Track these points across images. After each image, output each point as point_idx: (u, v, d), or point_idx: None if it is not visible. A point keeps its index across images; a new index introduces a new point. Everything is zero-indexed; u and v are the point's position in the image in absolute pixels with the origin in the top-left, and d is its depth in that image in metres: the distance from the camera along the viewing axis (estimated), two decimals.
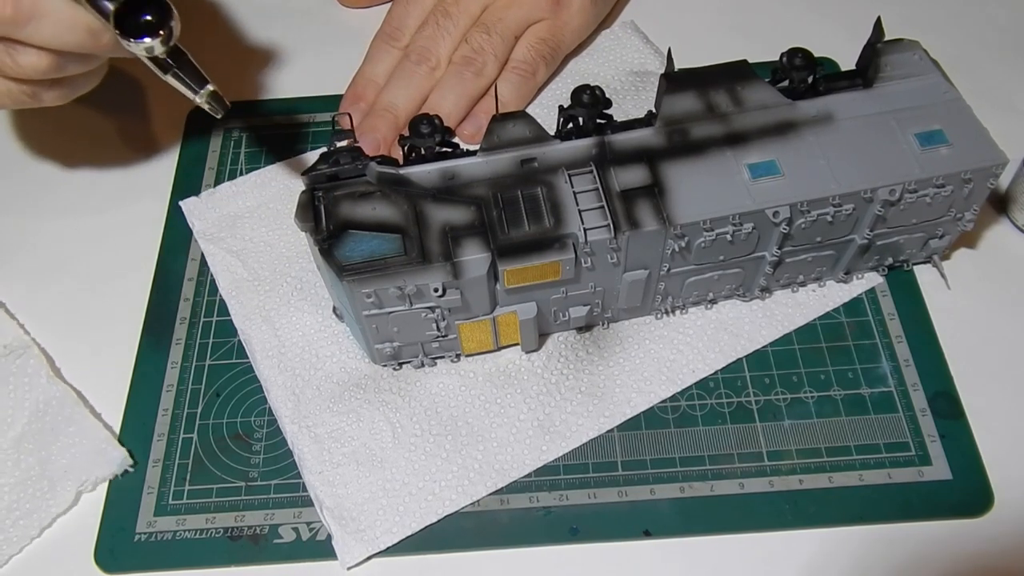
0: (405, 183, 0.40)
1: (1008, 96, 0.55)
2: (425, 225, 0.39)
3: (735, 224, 0.39)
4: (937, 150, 0.40)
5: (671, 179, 0.40)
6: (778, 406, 0.44)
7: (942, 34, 0.58)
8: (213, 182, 0.53)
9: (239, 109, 0.56)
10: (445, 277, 0.38)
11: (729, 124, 0.41)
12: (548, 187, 0.39)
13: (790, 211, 0.39)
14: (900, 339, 0.45)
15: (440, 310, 0.40)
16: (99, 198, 0.53)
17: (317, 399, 0.44)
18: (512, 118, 0.40)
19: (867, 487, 0.41)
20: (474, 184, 0.40)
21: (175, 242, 0.50)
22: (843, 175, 0.40)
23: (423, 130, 0.40)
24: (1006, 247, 0.49)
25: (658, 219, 0.39)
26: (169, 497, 0.42)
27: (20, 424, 0.43)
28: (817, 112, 0.41)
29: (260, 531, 0.41)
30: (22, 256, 0.51)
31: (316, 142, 0.54)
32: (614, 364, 0.44)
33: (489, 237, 0.38)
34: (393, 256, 0.38)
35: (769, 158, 0.40)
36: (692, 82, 0.41)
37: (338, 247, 0.38)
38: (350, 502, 0.41)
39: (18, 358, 0.44)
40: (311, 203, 0.39)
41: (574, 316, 0.43)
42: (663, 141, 0.41)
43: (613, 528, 0.41)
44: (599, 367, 0.44)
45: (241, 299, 0.47)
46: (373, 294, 0.38)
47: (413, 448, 0.42)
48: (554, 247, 0.38)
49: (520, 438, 0.42)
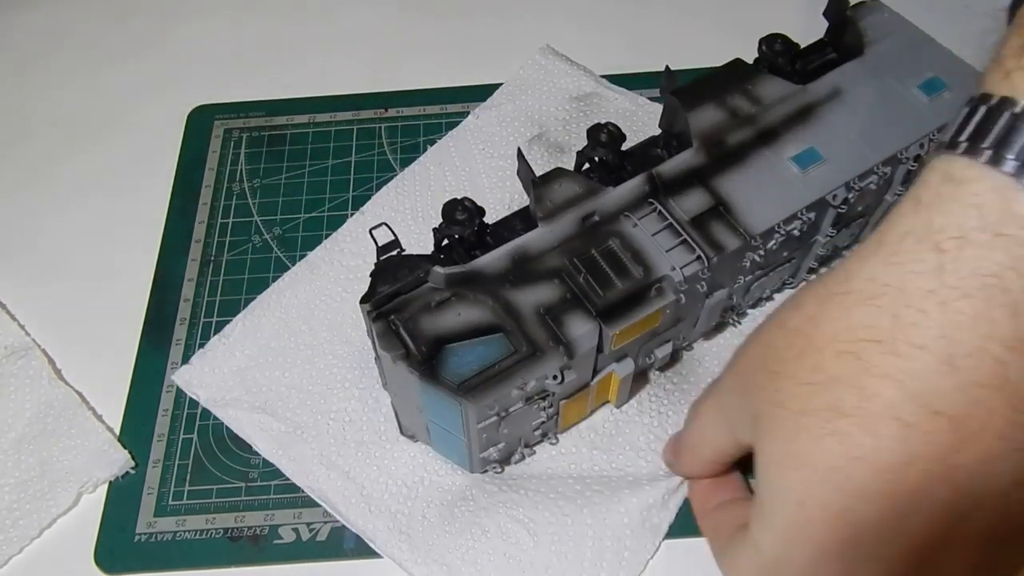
0: (477, 277, 0.36)
1: None
2: (518, 314, 0.35)
3: (801, 218, 0.39)
4: (941, 96, 0.41)
5: (730, 193, 0.39)
6: None
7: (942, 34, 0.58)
8: (213, 182, 0.53)
9: (239, 109, 0.56)
10: (561, 361, 0.35)
11: (757, 124, 0.40)
12: (619, 237, 0.38)
13: (846, 190, 0.39)
14: None
15: (551, 397, 0.37)
16: (99, 198, 0.53)
17: (430, 530, 0.40)
18: (555, 177, 0.38)
19: None
20: (546, 256, 0.37)
21: (175, 242, 0.50)
22: (876, 143, 0.40)
23: (459, 217, 0.37)
24: None
25: (737, 236, 0.38)
26: (169, 498, 0.42)
27: (21, 425, 0.43)
28: (827, 91, 0.42)
29: (260, 531, 0.41)
30: (22, 257, 0.51)
31: (316, 142, 0.54)
32: (703, 385, 0.42)
33: (587, 305, 0.36)
34: (505, 357, 0.34)
35: (806, 146, 0.40)
36: (705, 93, 0.40)
37: (442, 367, 0.34)
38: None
39: (19, 359, 0.44)
40: (391, 330, 0.35)
41: (660, 356, 0.41)
42: (705, 159, 0.40)
43: None
44: (690, 394, 0.43)
45: (291, 455, 0.42)
46: (495, 403, 0.35)
47: (557, 540, 0.39)
48: (652, 295, 0.36)
49: (657, 488, 0.40)
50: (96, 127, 0.56)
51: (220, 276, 0.49)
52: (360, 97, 0.56)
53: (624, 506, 0.40)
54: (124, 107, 0.57)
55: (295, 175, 0.53)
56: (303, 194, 0.52)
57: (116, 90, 0.58)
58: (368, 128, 0.55)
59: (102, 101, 0.58)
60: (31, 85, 0.59)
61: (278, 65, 0.59)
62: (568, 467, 0.41)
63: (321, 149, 0.54)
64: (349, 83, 0.57)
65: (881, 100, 0.41)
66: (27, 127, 0.57)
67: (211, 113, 0.56)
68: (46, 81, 0.59)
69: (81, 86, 0.58)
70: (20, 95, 0.58)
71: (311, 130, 0.55)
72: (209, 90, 0.57)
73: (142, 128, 0.56)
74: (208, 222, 0.51)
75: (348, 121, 0.55)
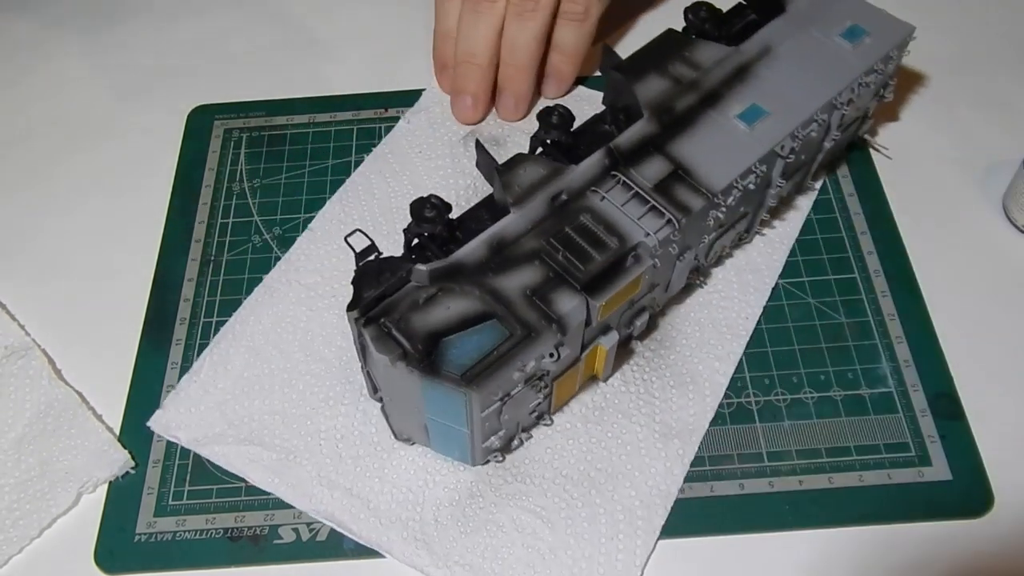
0: (459, 270, 0.37)
1: (1008, 96, 0.55)
2: (506, 299, 0.36)
3: (755, 172, 0.41)
4: (863, 42, 0.44)
5: (686, 157, 0.40)
6: (778, 407, 0.44)
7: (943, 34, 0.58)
8: (213, 182, 0.53)
9: (239, 109, 0.56)
10: (555, 338, 0.35)
11: (700, 88, 0.42)
12: (589, 212, 0.39)
13: (792, 140, 0.41)
14: (900, 339, 0.45)
15: (547, 377, 0.38)
16: (99, 198, 0.53)
17: (444, 532, 0.40)
18: (518, 163, 0.39)
19: (867, 488, 0.41)
20: (522, 240, 0.38)
21: (175, 242, 0.50)
22: (812, 92, 0.42)
23: (427, 214, 0.37)
24: (1006, 247, 0.49)
25: (701, 196, 0.39)
26: (169, 497, 0.42)
27: (21, 425, 0.43)
28: (758, 49, 0.44)
29: (260, 531, 0.41)
30: (22, 257, 0.51)
31: (316, 142, 0.54)
32: (681, 348, 0.45)
33: (571, 281, 0.37)
34: (502, 342, 0.35)
35: (749, 103, 0.42)
36: (646, 65, 0.42)
37: (441, 361, 0.35)
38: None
39: (19, 359, 0.44)
40: (384, 333, 0.35)
41: (639, 324, 0.42)
42: (657, 127, 0.41)
43: None
44: (671, 358, 0.45)
45: (289, 481, 0.42)
46: (498, 389, 0.35)
47: (571, 522, 0.40)
48: (630, 263, 0.37)
49: (655, 455, 0.42)
50: (96, 127, 0.56)
51: (220, 276, 0.49)
52: (360, 97, 0.56)
53: (629, 480, 0.41)
54: (124, 107, 0.57)
55: (295, 175, 0.53)
56: (303, 194, 0.52)
57: (116, 90, 0.58)
58: (368, 128, 0.55)
59: (102, 101, 0.58)
60: (31, 85, 0.59)
61: (278, 65, 0.59)
62: (566, 443, 0.42)
63: (321, 149, 0.54)
64: (349, 83, 0.57)
65: (809, 52, 0.44)
66: (27, 127, 0.57)
67: (211, 113, 0.56)
68: (46, 81, 0.59)
69: (81, 86, 0.59)
70: (20, 95, 0.58)
71: (311, 130, 0.55)
72: (209, 90, 0.57)
73: (142, 128, 0.56)
74: (208, 222, 0.51)
75: (348, 121, 0.55)
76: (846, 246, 0.49)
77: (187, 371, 0.45)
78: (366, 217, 0.50)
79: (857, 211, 0.50)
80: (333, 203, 0.51)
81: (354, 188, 0.52)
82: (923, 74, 0.56)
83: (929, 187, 0.51)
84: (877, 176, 0.51)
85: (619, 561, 0.39)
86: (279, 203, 0.52)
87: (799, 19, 0.45)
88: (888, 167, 0.52)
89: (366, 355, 0.38)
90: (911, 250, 0.48)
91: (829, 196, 0.51)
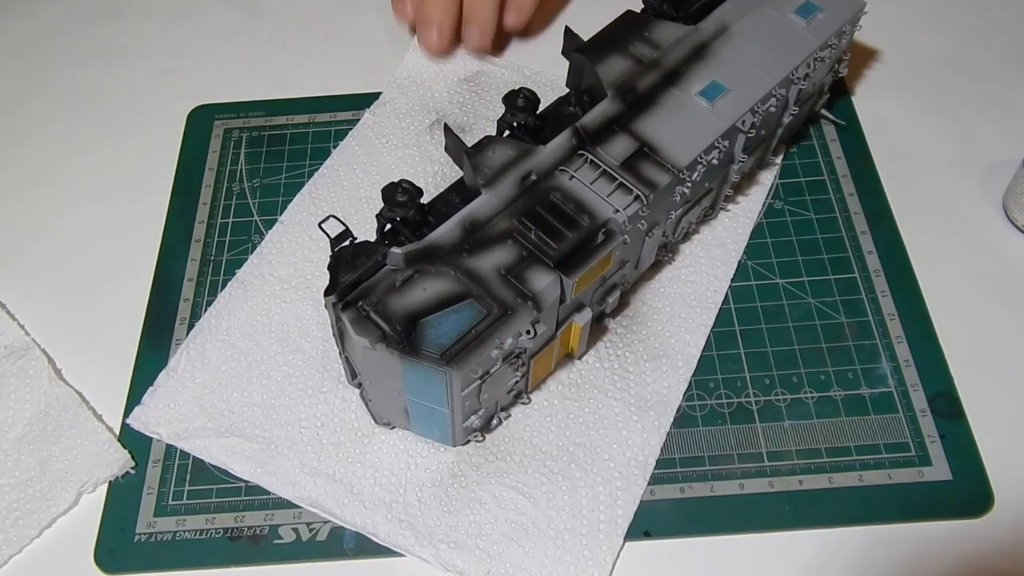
0: (434, 251, 0.37)
1: (1008, 96, 0.55)
2: (481, 279, 0.37)
3: (718, 147, 0.41)
4: (816, 17, 0.46)
5: (651, 135, 0.41)
6: (778, 407, 0.44)
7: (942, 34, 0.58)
8: (213, 182, 0.53)
9: (239, 109, 0.56)
10: (531, 315, 0.36)
11: (661, 67, 0.43)
12: (559, 191, 0.39)
13: (752, 115, 0.42)
14: (900, 339, 0.45)
15: (524, 355, 0.39)
16: (99, 199, 0.53)
17: (428, 512, 0.41)
18: (487, 145, 0.39)
19: (867, 487, 0.41)
20: (495, 221, 0.39)
21: (175, 242, 0.50)
22: (770, 68, 0.44)
23: (399, 199, 0.38)
24: (1006, 247, 0.49)
25: (666, 172, 0.40)
26: (169, 497, 0.42)
27: (21, 425, 0.43)
28: (716, 28, 0.45)
29: (260, 531, 0.41)
30: (22, 257, 0.51)
31: (316, 142, 0.54)
32: (653, 324, 0.46)
33: (544, 259, 0.37)
34: (479, 321, 0.35)
35: (709, 80, 0.43)
36: (607, 46, 0.43)
37: (422, 341, 0.35)
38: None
39: (19, 359, 0.44)
40: (362, 317, 0.35)
41: (611, 301, 0.43)
42: (621, 106, 0.42)
43: None
44: (643, 333, 0.46)
45: (271, 470, 0.42)
46: (477, 367, 0.36)
47: (552, 496, 0.41)
48: (601, 239, 0.38)
49: (632, 427, 0.43)
50: (96, 127, 0.56)
51: (220, 276, 0.49)
52: (360, 97, 0.56)
53: (607, 452, 0.42)
54: (124, 107, 0.57)
55: (295, 175, 0.53)
56: None
57: (116, 90, 0.58)
58: None
59: (102, 101, 0.58)
60: (31, 85, 0.59)
61: (278, 65, 0.59)
62: (544, 420, 0.43)
63: (321, 149, 0.54)
64: (349, 83, 0.57)
65: (765, 29, 0.45)
66: (27, 127, 0.57)
67: (211, 113, 0.56)
68: (46, 82, 0.59)
69: (81, 87, 0.59)
70: (20, 96, 0.58)
71: (311, 130, 0.55)
72: (209, 90, 0.57)
73: (142, 128, 0.56)
74: (208, 222, 0.51)
75: (348, 121, 0.55)
76: (846, 246, 0.49)
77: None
78: (336, 208, 0.51)
79: (857, 211, 0.50)
80: (302, 196, 0.51)
81: (323, 180, 0.52)
82: (923, 74, 0.56)
83: (929, 187, 0.51)
84: (877, 176, 0.52)
85: (600, 532, 0.40)
86: (279, 203, 0.52)
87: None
88: (889, 167, 0.52)
89: (344, 340, 0.38)
90: (911, 250, 0.48)
91: (829, 196, 0.51)
